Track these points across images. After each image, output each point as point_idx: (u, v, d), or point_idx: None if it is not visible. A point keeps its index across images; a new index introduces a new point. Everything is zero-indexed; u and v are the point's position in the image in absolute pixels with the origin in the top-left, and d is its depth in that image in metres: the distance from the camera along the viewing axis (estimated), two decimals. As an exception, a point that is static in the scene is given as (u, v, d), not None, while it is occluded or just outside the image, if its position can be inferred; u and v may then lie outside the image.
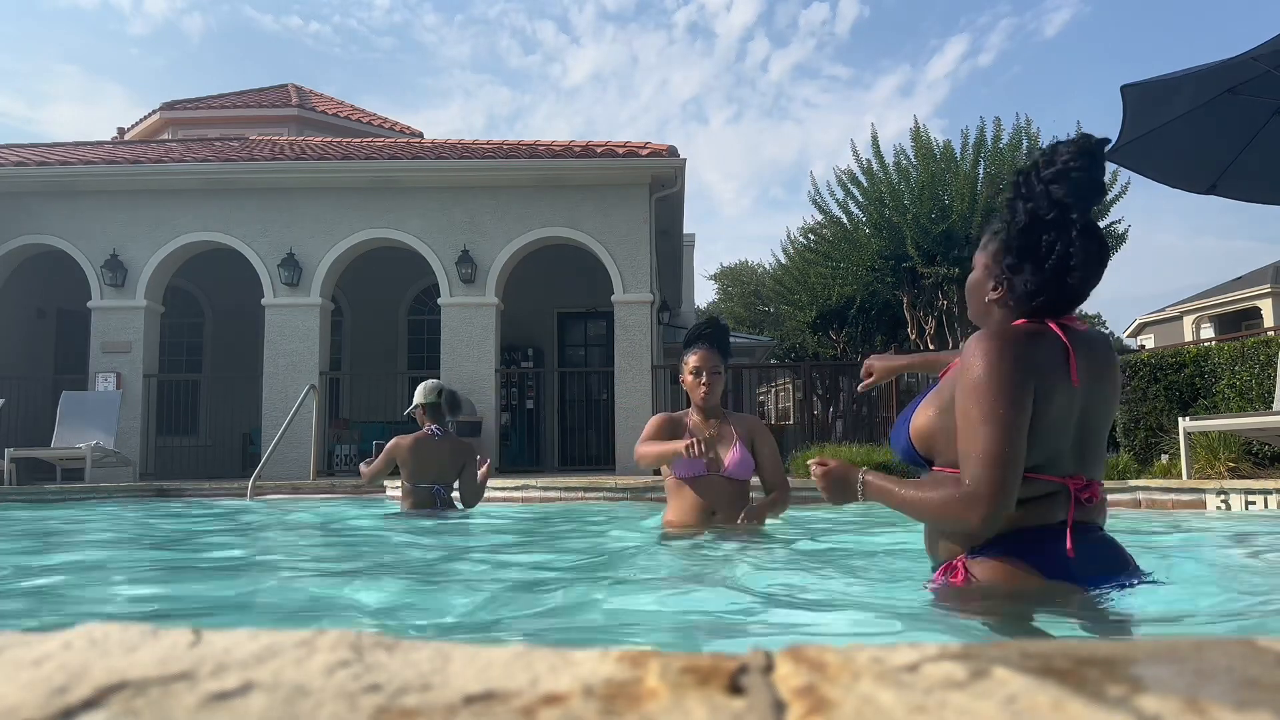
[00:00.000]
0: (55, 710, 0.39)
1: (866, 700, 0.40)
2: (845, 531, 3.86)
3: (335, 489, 7.81)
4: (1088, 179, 1.68)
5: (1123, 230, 13.21)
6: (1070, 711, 0.39)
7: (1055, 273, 1.70)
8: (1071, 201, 1.68)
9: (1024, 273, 1.74)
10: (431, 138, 17.25)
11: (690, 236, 18.76)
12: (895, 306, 13.60)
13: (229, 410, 12.47)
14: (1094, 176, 1.69)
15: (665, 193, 10.98)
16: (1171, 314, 28.82)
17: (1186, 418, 6.17)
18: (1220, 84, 5.52)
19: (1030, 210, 1.72)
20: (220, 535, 4.36)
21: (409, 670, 0.44)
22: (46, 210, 10.87)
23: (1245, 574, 2.44)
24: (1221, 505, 5.08)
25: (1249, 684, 0.43)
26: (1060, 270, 1.70)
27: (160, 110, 17.36)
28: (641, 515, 4.79)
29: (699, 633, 1.75)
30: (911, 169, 12.89)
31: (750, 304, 29.11)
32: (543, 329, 13.84)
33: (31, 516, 5.50)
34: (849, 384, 14.71)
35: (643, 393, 10.43)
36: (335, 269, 11.00)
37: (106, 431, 9.26)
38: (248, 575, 2.78)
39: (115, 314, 10.73)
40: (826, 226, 14.51)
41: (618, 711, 0.40)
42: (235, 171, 10.81)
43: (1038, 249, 1.72)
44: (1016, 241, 1.75)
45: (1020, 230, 1.74)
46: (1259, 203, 6.59)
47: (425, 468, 4.85)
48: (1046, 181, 1.69)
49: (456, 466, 4.96)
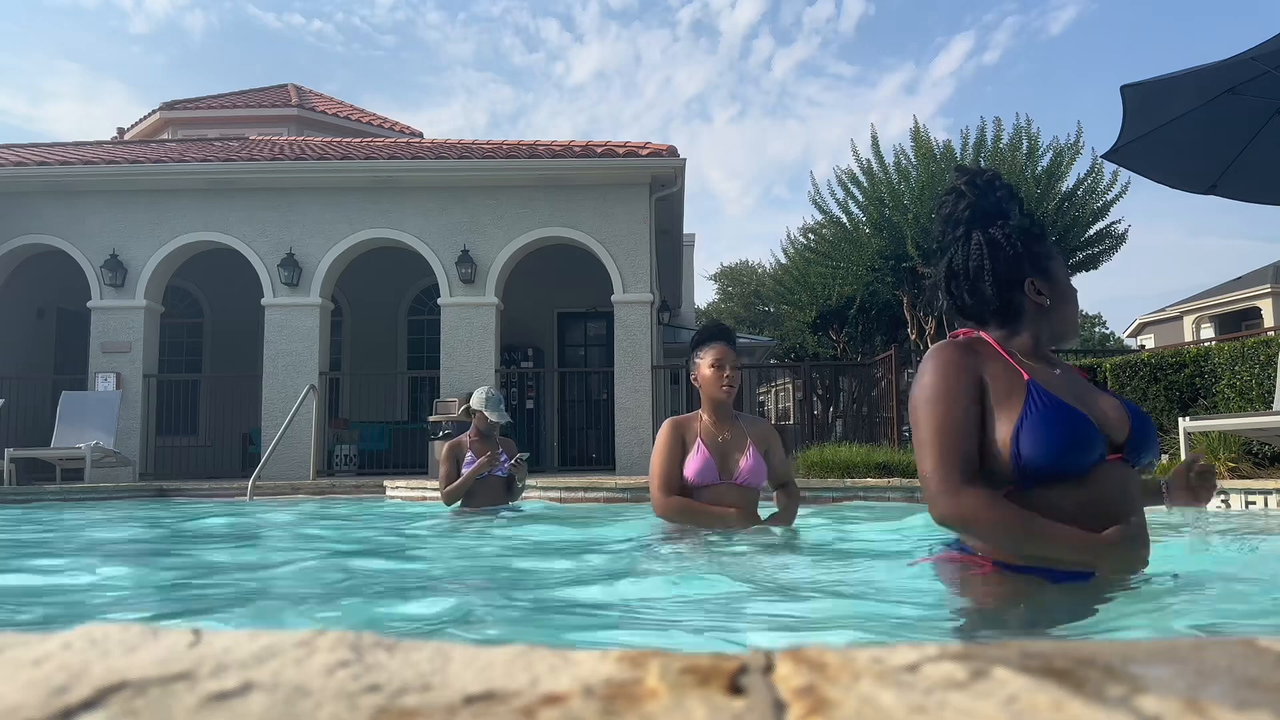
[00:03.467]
0: (55, 710, 0.39)
1: (866, 700, 0.40)
2: (845, 531, 3.86)
3: (335, 489, 7.82)
4: (975, 208, 1.93)
5: (1123, 230, 13.22)
6: (1070, 711, 0.39)
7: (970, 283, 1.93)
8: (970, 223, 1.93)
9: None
10: (432, 137, 17.25)
11: (690, 236, 18.77)
12: (895, 306, 13.60)
13: (229, 410, 12.47)
14: (982, 205, 1.92)
15: (665, 193, 10.98)
16: (1171, 314, 28.84)
17: (1186, 418, 6.17)
18: (1220, 84, 5.52)
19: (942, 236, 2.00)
20: (220, 535, 4.36)
21: (409, 670, 0.44)
22: (46, 210, 10.87)
23: (1245, 574, 2.44)
24: (1221, 505, 5.08)
25: (1249, 684, 0.43)
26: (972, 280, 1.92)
27: (160, 110, 17.37)
28: (641, 515, 4.79)
29: (699, 633, 1.75)
30: (911, 169, 12.89)
31: (750, 304, 29.12)
32: (543, 329, 13.85)
33: (32, 517, 5.50)
34: (849, 384, 14.72)
35: (643, 393, 10.43)
36: (335, 269, 11.00)
37: (106, 431, 9.26)
38: (248, 575, 2.78)
39: (115, 314, 10.73)
40: (826, 226, 14.51)
41: (618, 711, 0.40)
42: (235, 171, 10.81)
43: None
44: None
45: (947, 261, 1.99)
46: (1259, 203, 6.59)
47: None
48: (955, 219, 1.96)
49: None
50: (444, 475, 4.95)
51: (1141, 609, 1.74)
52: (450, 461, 4.97)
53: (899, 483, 6.36)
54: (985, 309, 1.91)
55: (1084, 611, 1.68)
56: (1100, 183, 12.76)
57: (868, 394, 12.91)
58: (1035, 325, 1.90)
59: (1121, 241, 13.20)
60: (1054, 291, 1.91)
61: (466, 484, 4.86)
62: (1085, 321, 43.93)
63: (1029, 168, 12.49)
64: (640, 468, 10.08)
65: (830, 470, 7.16)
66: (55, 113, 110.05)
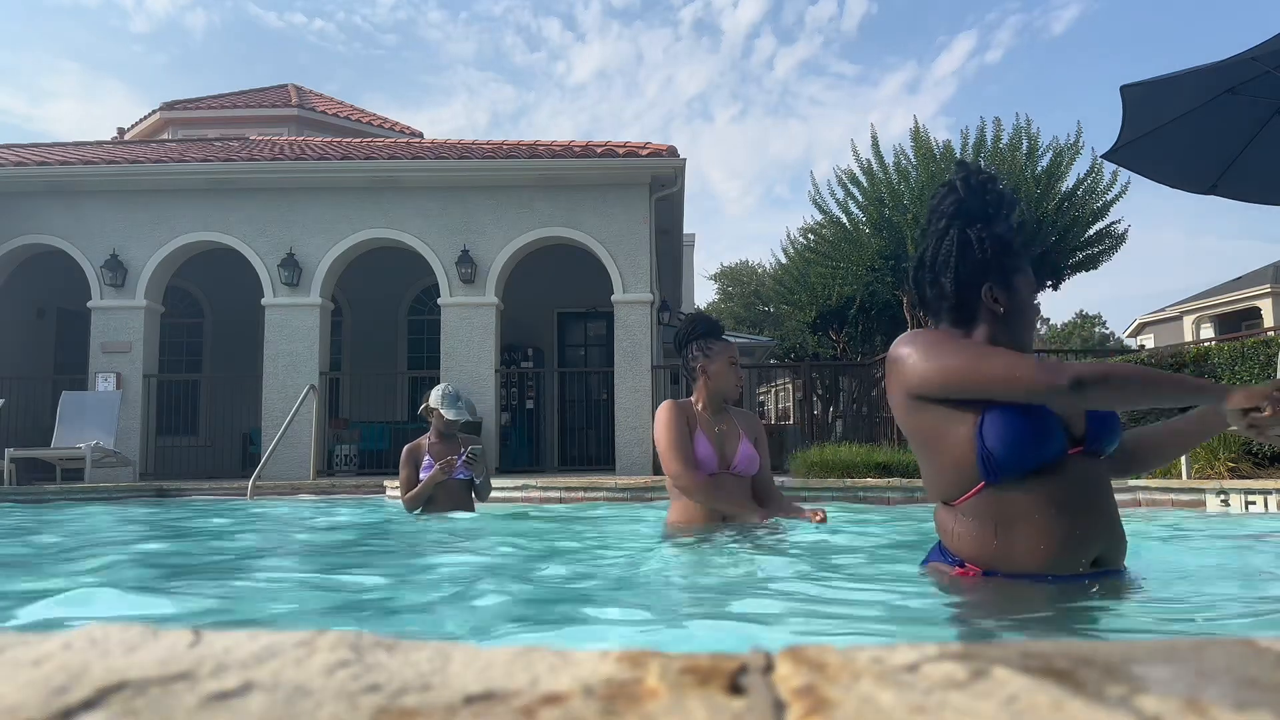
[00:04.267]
0: (55, 710, 0.40)
1: (866, 700, 0.40)
2: (845, 531, 3.86)
3: (335, 489, 7.82)
4: (961, 205, 1.98)
5: (1123, 230, 13.22)
6: (1070, 711, 0.39)
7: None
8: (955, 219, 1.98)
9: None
10: (432, 137, 17.26)
11: (690, 236, 18.78)
12: (895, 306, 13.60)
13: (229, 410, 12.47)
14: (969, 204, 1.96)
15: (665, 192, 10.98)
16: (1171, 314, 28.83)
17: (1186, 418, 6.17)
18: (1220, 84, 5.51)
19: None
20: (220, 535, 4.36)
21: (409, 670, 0.44)
22: (46, 210, 10.87)
23: (1245, 574, 2.45)
24: (1222, 505, 5.08)
25: (1249, 684, 0.43)
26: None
27: (160, 110, 17.38)
28: (641, 515, 4.79)
29: (699, 633, 1.75)
30: (911, 169, 12.89)
31: (750, 304, 29.12)
32: (543, 329, 13.85)
33: (31, 516, 5.50)
34: (849, 384, 14.72)
35: (643, 393, 10.43)
36: (335, 269, 11.00)
37: (106, 431, 9.26)
38: (248, 575, 2.78)
39: (115, 314, 10.73)
40: (826, 226, 14.52)
41: (618, 711, 0.40)
42: (235, 171, 10.81)
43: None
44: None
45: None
46: (1259, 203, 6.58)
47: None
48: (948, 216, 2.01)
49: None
50: (403, 480, 4.66)
51: (1141, 609, 1.74)
52: (409, 465, 4.67)
53: (899, 483, 6.36)
54: (942, 304, 1.95)
55: (1080, 613, 1.69)
56: (1100, 183, 12.76)
57: (868, 394, 12.91)
58: (989, 329, 1.92)
59: (1121, 241, 13.20)
60: (1010, 302, 1.92)
61: (425, 491, 4.56)
62: (1085, 321, 43.94)
63: (1029, 168, 12.50)
64: (641, 468, 10.08)
65: (830, 470, 7.16)
66: (55, 112, 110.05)
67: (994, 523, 1.80)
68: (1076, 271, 13.27)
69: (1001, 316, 1.92)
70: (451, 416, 4.68)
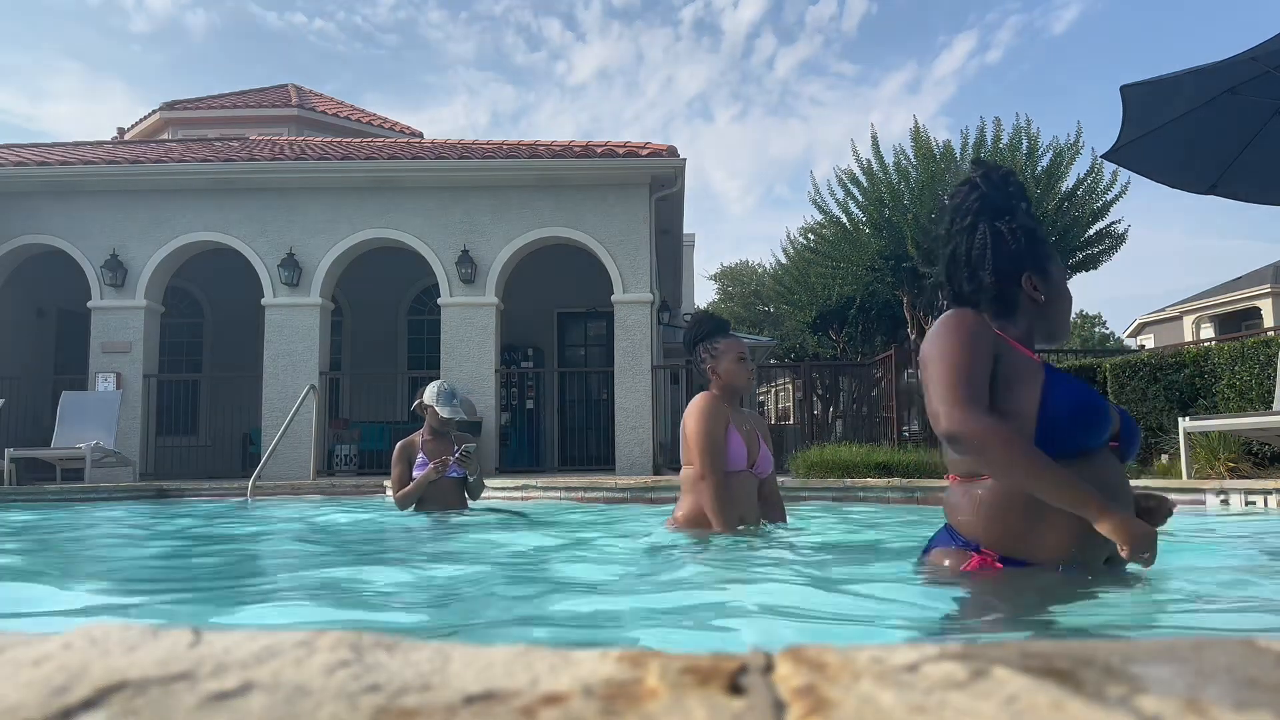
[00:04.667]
0: (55, 710, 0.39)
1: (866, 700, 0.40)
2: (845, 531, 3.86)
3: (335, 489, 7.81)
4: (986, 200, 2.00)
5: (1123, 230, 13.22)
6: (1070, 711, 0.39)
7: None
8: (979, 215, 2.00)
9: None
10: (433, 137, 17.26)
11: (690, 236, 18.78)
12: (895, 306, 13.61)
13: (229, 410, 12.47)
14: (992, 198, 1.98)
15: (665, 192, 10.98)
16: (1171, 314, 28.83)
17: (1186, 418, 6.17)
18: (1220, 84, 5.51)
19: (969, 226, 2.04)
20: (220, 535, 4.36)
21: (409, 670, 0.44)
22: (46, 210, 10.87)
23: (1245, 574, 2.44)
24: (1222, 505, 5.08)
25: (1249, 684, 0.43)
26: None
27: (160, 110, 17.38)
28: (642, 515, 4.79)
29: (699, 633, 1.75)
30: (911, 169, 12.89)
31: (750, 304, 29.11)
32: (543, 329, 13.85)
33: (31, 516, 5.50)
34: (849, 384, 14.72)
35: (643, 393, 10.43)
36: (335, 269, 11.01)
37: (106, 431, 9.26)
38: (248, 575, 2.78)
39: (115, 314, 10.73)
40: (826, 226, 14.52)
41: (618, 711, 0.40)
42: (235, 171, 10.81)
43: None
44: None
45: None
46: (1259, 203, 6.59)
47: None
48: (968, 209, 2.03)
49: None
50: (395, 478, 4.60)
51: (1141, 609, 1.74)
52: (402, 463, 4.61)
53: (899, 483, 6.36)
54: (982, 298, 1.96)
55: (1082, 604, 1.69)
56: (1100, 183, 12.76)
57: (868, 394, 12.91)
58: (1028, 320, 1.95)
59: (1121, 241, 13.20)
60: (1049, 290, 1.96)
61: (417, 490, 4.52)
62: (1085, 321, 43.91)
63: (1029, 168, 12.50)
64: (641, 467, 10.08)
65: (830, 470, 7.16)
66: (56, 112, 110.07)
67: (1023, 504, 1.76)
68: (1076, 272, 13.28)
69: (1042, 304, 1.95)
70: (446, 414, 4.61)
